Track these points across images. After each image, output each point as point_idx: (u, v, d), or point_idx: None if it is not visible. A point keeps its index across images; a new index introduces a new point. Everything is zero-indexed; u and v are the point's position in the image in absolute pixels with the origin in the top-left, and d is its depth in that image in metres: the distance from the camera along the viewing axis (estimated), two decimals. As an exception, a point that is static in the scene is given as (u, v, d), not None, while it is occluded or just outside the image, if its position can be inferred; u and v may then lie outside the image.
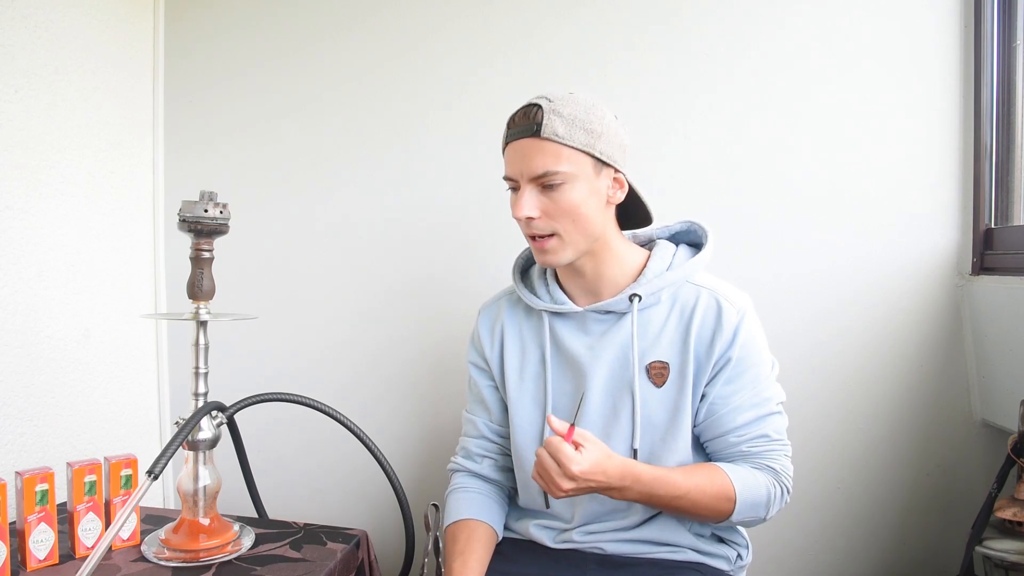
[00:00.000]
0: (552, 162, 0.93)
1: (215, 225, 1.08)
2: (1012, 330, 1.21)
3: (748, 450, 0.98)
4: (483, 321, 1.14)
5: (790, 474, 0.99)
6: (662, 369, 0.99)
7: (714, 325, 0.98)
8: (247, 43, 1.61)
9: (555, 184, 0.94)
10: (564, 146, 0.93)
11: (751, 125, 1.39)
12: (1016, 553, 1.04)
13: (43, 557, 1.04)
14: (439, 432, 1.56)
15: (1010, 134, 1.30)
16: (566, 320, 1.05)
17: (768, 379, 1.00)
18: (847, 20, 1.35)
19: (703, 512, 0.95)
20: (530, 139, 0.94)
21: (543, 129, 0.93)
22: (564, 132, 0.93)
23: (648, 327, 1.01)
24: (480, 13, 1.49)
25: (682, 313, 1.00)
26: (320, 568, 1.06)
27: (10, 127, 1.25)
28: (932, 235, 1.34)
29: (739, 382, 0.98)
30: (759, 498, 0.96)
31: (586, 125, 0.94)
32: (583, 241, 0.97)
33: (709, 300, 0.99)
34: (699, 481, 0.94)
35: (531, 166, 0.94)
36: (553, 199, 0.94)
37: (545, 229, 0.96)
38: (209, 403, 1.10)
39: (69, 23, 1.37)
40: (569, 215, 0.95)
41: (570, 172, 0.93)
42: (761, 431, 0.98)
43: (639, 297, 0.99)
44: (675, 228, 1.11)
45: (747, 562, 1.08)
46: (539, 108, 0.94)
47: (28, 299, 1.29)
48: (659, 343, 1.00)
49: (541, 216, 0.95)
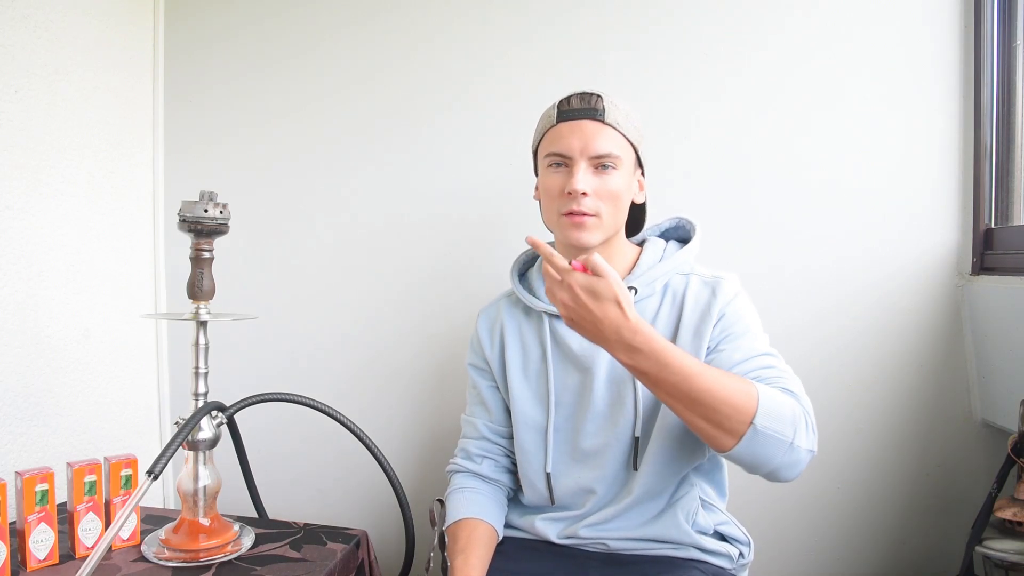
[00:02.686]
0: (614, 145, 1.00)
1: (215, 225, 1.08)
2: (1012, 330, 1.21)
3: (758, 377, 0.91)
4: (482, 323, 1.16)
5: (811, 409, 0.90)
6: None
7: (709, 298, 1.00)
8: (247, 43, 1.61)
9: (609, 167, 0.99)
10: (621, 135, 1.01)
11: (751, 125, 1.39)
12: (1016, 553, 1.04)
13: (43, 557, 1.04)
14: (439, 432, 1.56)
15: (1010, 134, 1.30)
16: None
17: (759, 335, 1.00)
18: (847, 22, 1.35)
19: (721, 407, 0.82)
20: (593, 121, 1.00)
21: (607, 114, 0.99)
22: (623, 122, 1.01)
23: (643, 316, 1.01)
24: (480, 14, 1.49)
25: (674, 300, 1.03)
26: (320, 568, 1.06)
27: (10, 127, 1.25)
28: (932, 235, 1.34)
29: (732, 330, 0.98)
30: (783, 410, 0.85)
31: (635, 123, 1.03)
32: (612, 227, 1.02)
33: (699, 283, 1.03)
34: (714, 371, 0.85)
35: (593, 145, 0.99)
36: (604, 181, 0.99)
37: (592, 208, 0.99)
38: (209, 403, 1.10)
39: (69, 23, 1.37)
40: (613, 199, 1.00)
41: (622, 159, 1.00)
42: (765, 363, 0.94)
43: (635, 290, 1.02)
44: (665, 226, 1.15)
45: (749, 560, 1.08)
46: (599, 96, 1.01)
47: (28, 299, 1.29)
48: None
49: (593, 194, 0.99)
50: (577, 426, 1.05)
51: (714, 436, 0.84)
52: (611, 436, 1.02)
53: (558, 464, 1.06)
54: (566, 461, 1.06)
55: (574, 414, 1.05)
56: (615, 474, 1.04)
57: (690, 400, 0.83)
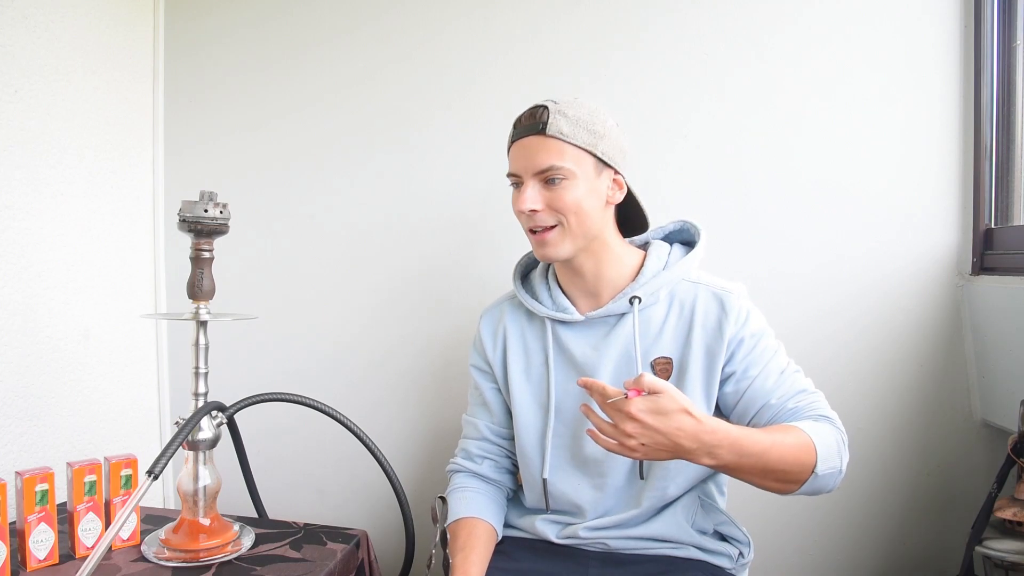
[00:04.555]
0: (556, 158, 0.97)
1: (215, 225, 1.08)
2: (1012, 330, 1.21)
3: (795, 407, 0.96)
4: (485, 325, 1.15)
5: (842, 426, 0.96)
6: (666, 364, 1.02)
7: (719, 313, 1.00)
8: (247, 43, 1.61)
9: (557, 179, 0.97)
10: (568, 144, 0.97)
11: (752, 126, 1.39)
12: (1016, 553, 1.04)
13: (43, 557, 1.04)
14: (439, 432, 1.56)
15: (1010, 134, 1.30)
16: (568, 325, 1.07)
17: (779, 349, 1.02)
18: (847, 22, 1.35)
19: (789, 467, 0.86)
20: (536, 136, 0.98)
21: (548, 127, 0.97)
22: (568, 131, 0.97)
23: (649, 325, 1.03)
24: (481, 15, 1.49)
25: (681, 309, 1.03)
26: (320, 568, 1.06)
27: (10, 127, 1.25)
28: (932, 235, 1.34)
29: (756, 355, 0.99)
30: (832, 447, 0.89)
31: (589, 126, 0.98)
32: (582, 237, 1.00)
33: (708, 294, 1.03)
34: (776, 435, 0.87)
35: (535, 161, 0.98)
36: (556, 194, 0.98)
37: (548, 221, 0.99)
38: (209, 403, 1.10)
39: (69, 23, 1.37)
40: (570, 210, 0.98)
41: (572, 169, 0.97)
42: (796, 387, 0.98)
43: (639, 299, 1.02)
44: (668, 228, 1.14)
45: (749, 560, 1.08)
46: (545, 109, 0.99)
47: (28, 299, 1.29)
48: (661, 340, 1.02)
49: (544, 209, 0.99)
50: (578, 433, 1.04)
51: (779, 489, 0.89)
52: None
53: (556, 470, 1.06)
54: (566, 468, 1.06)
55: (574, 419, 1.05)
56: (622, 483, 1.04)
57: (764, 473, 0.86)
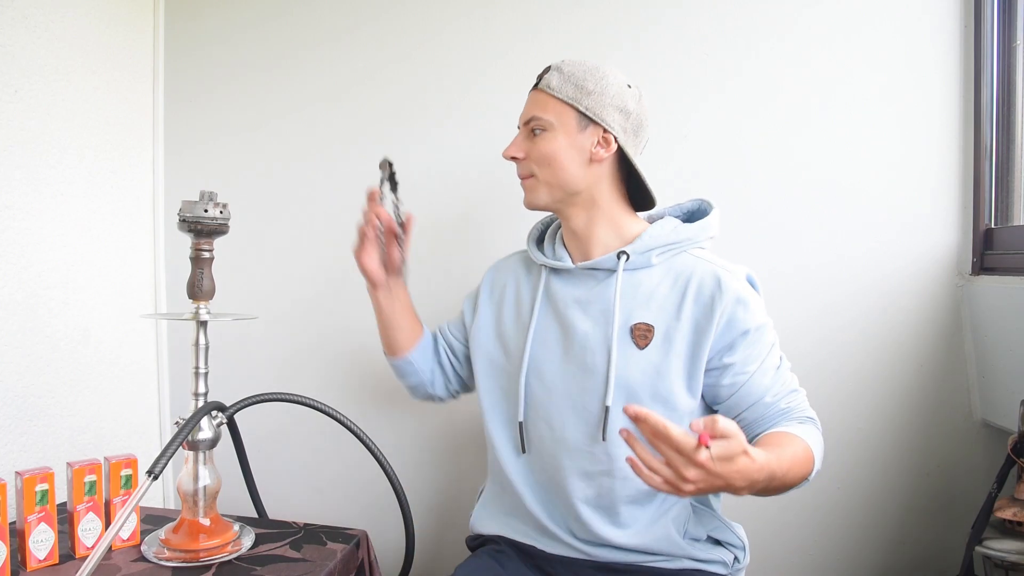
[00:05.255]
0: (539, 110, 1.03)
1: (215, 225, 1.08)
2: (1012, 330, 1.21)
3: (787, 407, 0.97)
4: (490, 273, 1.21)
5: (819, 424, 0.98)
6: (646, 331, 1.00)
7: (713, 290, 0.98)
8: (247, 43, 1.61)
9: (538, 131, 1.03)
10: (552, 97, 1.02)
11: (751, 125, 1.39)
12: (1016, 553, 1.04)
13: (43, 557, 1.04)
14: (439, 432, 1.56)
15: (1010, 134, 1.30)
16: (561, 275, 1.09)
17: (775, 343, 1.02)
18: (848, 22, 1.35)
19: (795, 480, 0.87)
20: (533, 91, 1.05)
21: (541, 82, 1.04)
22: (556, 85, 1.02)
23: (638, 288, 1.02)
24: (481, 15, 1.49)
25: (676, 279, 1.01)
26: (320, 568, 1.06)
27: (10, 127, 1.25)
28: (932, 235, 1.34)
29: (757, 350, 0.98)
30: (820, 449, 0.93)
31: (578, 82, 1.01)
32: (559, 188, 1.03)
33: (707, 270, 1.01)
34: (788, 450, 0.86)
35: (525, 112, 1.05)
36: (535, 144, 1.03)
37: (523, 170, 1.06)
38: (209, 403, 1.10)
39: (69, 23, 1.37)
40: (544, 161, 1.02)
41: (551, 121, 1.01)
42: (788, 387, 0.99)
43: (627, 255, 1.01)
44: (687, 207, 1.13)
45: (745, 564, 1.07)
46: (550, 67, 1.05)
47: (28, 299, 1.29)
48: (648, 306, 1.01)
49: (525, 158, 1.04)
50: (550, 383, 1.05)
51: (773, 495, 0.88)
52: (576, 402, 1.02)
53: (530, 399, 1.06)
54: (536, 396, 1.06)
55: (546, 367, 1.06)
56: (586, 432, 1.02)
57: (777, 489, 0.85)
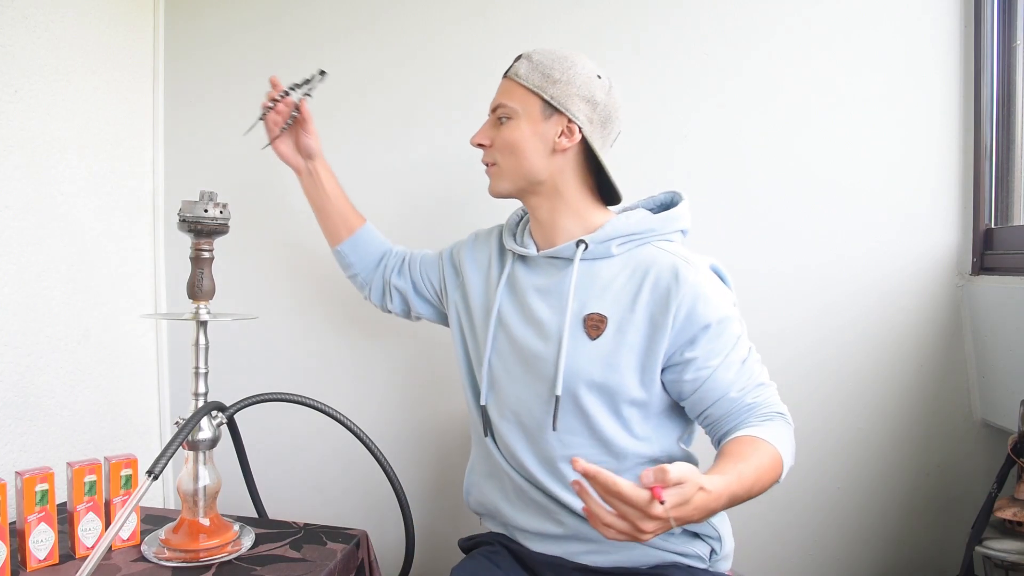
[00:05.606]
0: (506, 97, 1.03)
1: (215, 225, 1.08)
2: (1012, 330, 1.21)
3: (753, 401, 0.94)
4: (472, 238, 1.22)
5: (791, 419, 0.95)
6: (599, 322, 0.99)
7: (669, 282, 0.95)
8: (247, 43, 1.60)
9: (504, 118, 1.03)
10: (519, 85, 1.02)
11: (752, 126, 1.39)
12: (1016, 553, 1.05)
13: (43, 557, 1.04)
14: (439, 432, 1.56)
15: (1010, 134, 1.30)
16: (527, 262, 1.09)
17: (742, 335, 0.98)
18: (848, 22, 1.35)
19: (763, 488, 0.86)
20: (503, 78, 1.06)
21: (511, 70, 1.04)
22: (524, 73, 1.02)
23: (595, 278, 1.01)
24: (481, 14, 1.49)
25: (635, 271, 0.99)
26: (320, 568, 1.06)
27: (10, 127, 1.25)
28: (932, 235, 1.34)
29: (720, 344, 0.95)
30: (791, 448, 0.91)
31: (545, 71, 1.01)
32: (521, 178, 1.04)
33: (666, 261, 0.98)
34: (754, 461, 0.85)
35: (493, 100, 1.06)
36: (499, 131, 1.04)
37: (487, 157, 1.07)
38: (209, 403, 1.10)
39: (69, 23, 1.37)
40: (507, 148, 1.03)
41: (516, 108, 1.02)
42: (755, 380, 0.96)
43: (585, 244, 1.01)
44: (660, 199, 1.12)
45: (725, 552, 1.05)
46: (521, 55, 1.05)
47: (28, 299, 1.29)
48: (603, 296, 0.99)
49: (490, 146, 1.05)
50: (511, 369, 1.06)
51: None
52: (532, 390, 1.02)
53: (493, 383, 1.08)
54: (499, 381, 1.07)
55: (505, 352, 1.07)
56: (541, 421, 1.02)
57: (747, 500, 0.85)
